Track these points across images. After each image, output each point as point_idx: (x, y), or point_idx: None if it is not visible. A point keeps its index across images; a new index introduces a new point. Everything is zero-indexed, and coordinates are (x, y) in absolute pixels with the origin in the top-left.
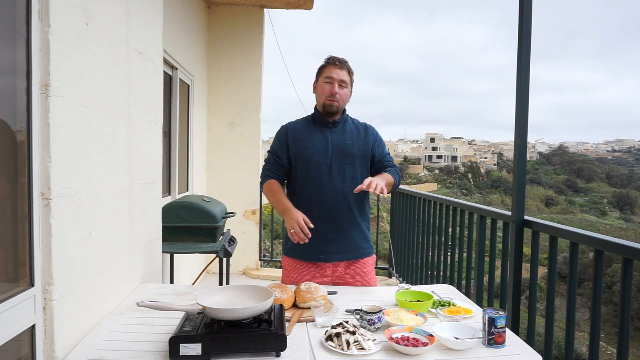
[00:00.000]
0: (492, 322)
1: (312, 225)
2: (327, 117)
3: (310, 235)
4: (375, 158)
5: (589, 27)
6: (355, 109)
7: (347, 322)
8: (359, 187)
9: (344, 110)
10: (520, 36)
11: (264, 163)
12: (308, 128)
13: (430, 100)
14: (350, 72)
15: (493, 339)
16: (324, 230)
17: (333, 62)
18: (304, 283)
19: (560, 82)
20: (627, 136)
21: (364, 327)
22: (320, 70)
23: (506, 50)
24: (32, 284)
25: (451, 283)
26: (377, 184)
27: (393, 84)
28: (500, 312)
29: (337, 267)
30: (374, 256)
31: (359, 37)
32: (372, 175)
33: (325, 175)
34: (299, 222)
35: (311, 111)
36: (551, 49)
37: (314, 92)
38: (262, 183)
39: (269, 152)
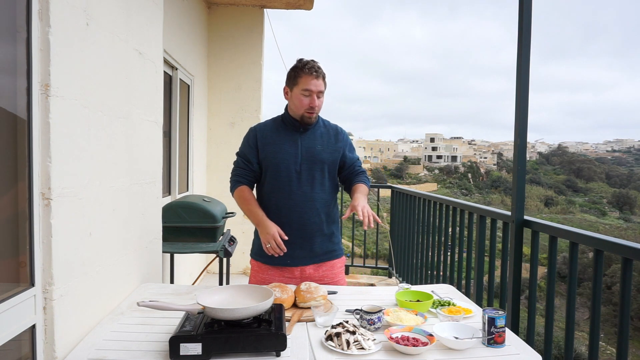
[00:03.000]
0: (491, 321)
1: (286, 238)
2: (301, 124)
3: (285, 250)
4: (346, 164)
5: (610, 24)
6: (361, 109)
7: (347, 322)
8: (347, 214)
9: None
10: (520, 36)
11: (233, 166)
12: (277, 132)
13: (440, 99)
14: (324, 78)
15: (493, 338)
16: (291, 236)
17: (310, 72)
18: (303, 283)
19: (576, 81)
20: (634, 136)
21: (364, 327)
22: (296, 79)
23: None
24: (32, 284)
25: (451, 283)
26: (371, 217)
27: (404, 83)
28: (500, 312)
29: (305, 268)
30: (343, 258)
31: (373, 35)
32: (341, 180)
33: (294, 181)
34: (275, 237)
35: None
36: (571, 46)
37: (285, 97)
38: (232, 188)
39: (238, 154)
